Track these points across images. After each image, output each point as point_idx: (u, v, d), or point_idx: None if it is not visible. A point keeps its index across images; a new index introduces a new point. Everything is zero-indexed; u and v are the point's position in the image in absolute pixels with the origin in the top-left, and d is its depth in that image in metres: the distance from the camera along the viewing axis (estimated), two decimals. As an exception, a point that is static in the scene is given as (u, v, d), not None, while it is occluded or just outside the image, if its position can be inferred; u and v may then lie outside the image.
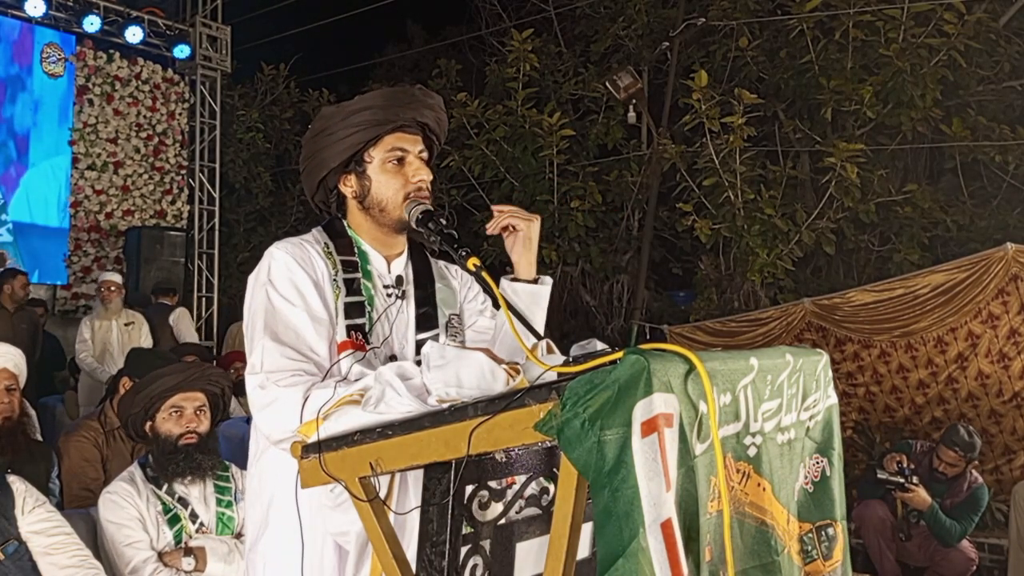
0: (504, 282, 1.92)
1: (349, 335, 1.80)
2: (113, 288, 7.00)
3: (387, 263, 1.95)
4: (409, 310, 1.93)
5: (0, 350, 3.09)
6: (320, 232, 1.94)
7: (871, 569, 5.19)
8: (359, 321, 1.83)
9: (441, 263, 2.05)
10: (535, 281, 1.93)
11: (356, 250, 1.92)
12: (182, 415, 2.89)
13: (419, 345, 1.89)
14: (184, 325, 7.68)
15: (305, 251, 1.86)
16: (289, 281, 1.79)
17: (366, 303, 1.86)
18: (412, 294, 1.95)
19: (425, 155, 1.94)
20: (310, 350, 1.74)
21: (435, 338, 1.91)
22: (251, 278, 1.85)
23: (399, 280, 1.94)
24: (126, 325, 6.95)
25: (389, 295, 1.91)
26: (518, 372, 1.47)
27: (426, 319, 1.94)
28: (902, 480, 4.88)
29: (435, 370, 1.45)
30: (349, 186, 1.93)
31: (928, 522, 4.89)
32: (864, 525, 5.15)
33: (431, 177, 1.92)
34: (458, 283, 2.06)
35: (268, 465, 1.82)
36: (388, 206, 1.89)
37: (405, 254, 1.99)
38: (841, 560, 1.59)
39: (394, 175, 1.88)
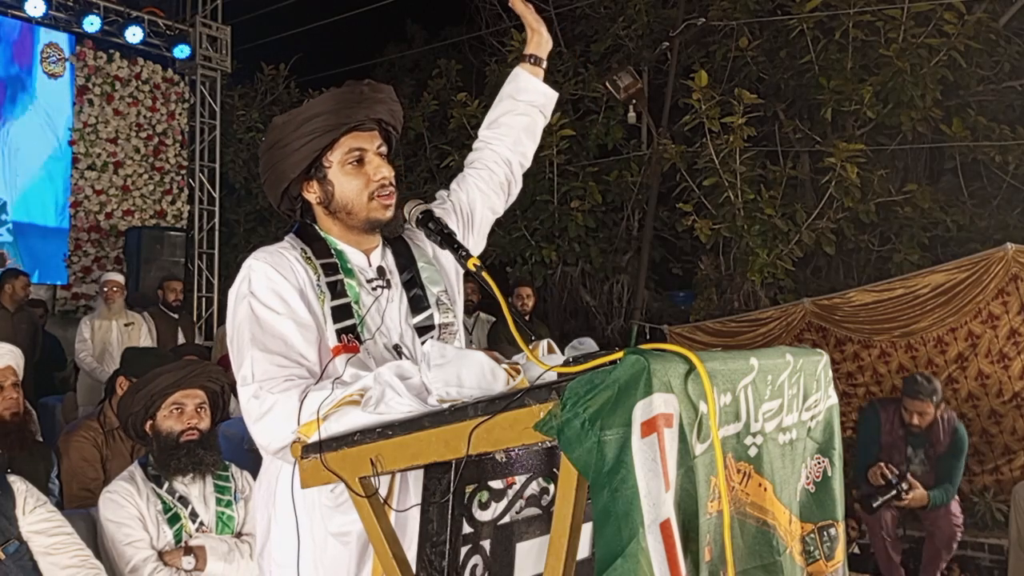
0: (524, 75, 2.31)
1: (340, 339, 1.79)
2: (116, 288, 7.02)
3: (366, 257, 1.94)
4: (399, 297, 1.92)
5: (2, 349, 3.08)
6: (294, 238, 1.92)
7: (875, 570, 5.21)
8: (348, 323, 1.81)
9: (412, 240, 2.03)
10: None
11: (333, 251, 1.90)
12: (183, 412, 2.89)
13: (417, 329, 1.89)
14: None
15: (283, 259, 1.84)
16: (271, 291, 1.78)
17: (352, 303, 1.84)
18: (398, 281, 1.94)
19: (384, 149, 1.93)
20: (300, 356, 1.72)
21: (429, 319, 1.91)
22: (232, 292, 1.84)
23: (381, 271, 1.92)
24: (126, 326, 6.95)
25: (375, 288, 1.89)
26: (518, 372, 1.47)
27: (417, 301, 1.93)
28: (895, 491, 4.87)
29: (435, 369, 1.45)
30: (312, 192, 1.92)
31: (930, 510, 4.93)
32: (871, 527, 5.16)
33: (392, 173, 1.91)
34: (429, 248, 2.04)
35: (272, 473, 1.82)
36: (354, 208, 1.88)
37: (381, 243, 1.98)
38: (843, 560, 1.59)
39: (355, 176, 1.87)
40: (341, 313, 1.82)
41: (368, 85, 1.91)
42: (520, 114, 2.25)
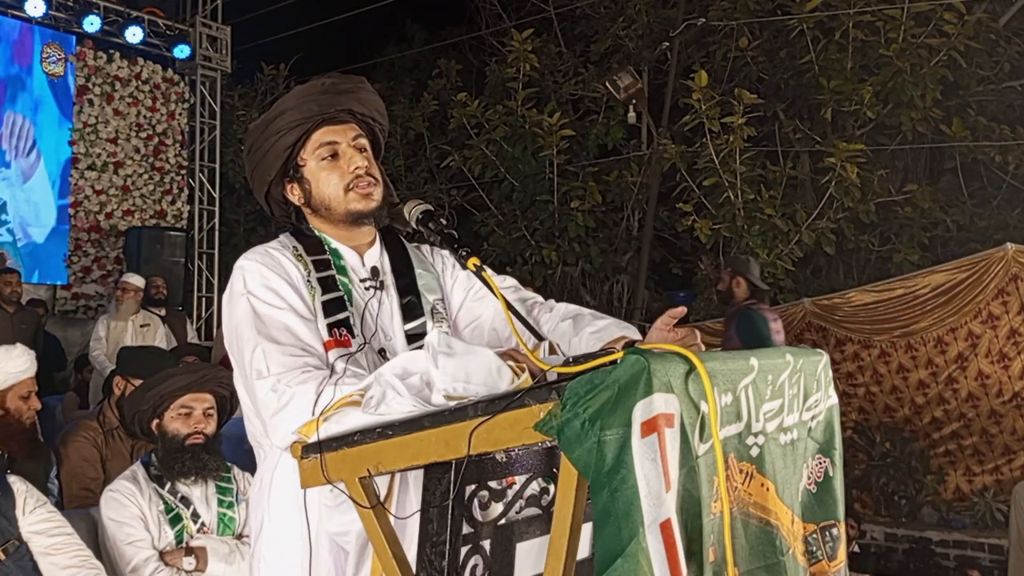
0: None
1: (331, 333, 1.76)
2: (130, 290, 7.04)
3: (359, 256, 1.91)
4: (391, 300, 1.89)
5: (24, 359, 3.06)
6: (288, 237, 1.91)
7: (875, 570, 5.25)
8: (340, 317, 1.79)
9: (414, 247, 2.01)
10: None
11: (326, 248, 1.88)
12: (191, 415, 2.90)
13: (408, 336, 1.87)
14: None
15: (274, 257, 1.82)
16: (266, 288, 1.76)
17: (345, 298, 1.82)
18: (392, 284, 1.91)
19: (363, 141, 1.89)
20: (308, 345, 1.71)
21: (422, 327, 1.87)
22: (225, 295, 1.82)
23: (375, 271, 1.89)
24: (142, 327, 6.98)
25: (367, 288, 1.87)
26: (523, 370, 1.47)
27: (411, 308, 1.89)
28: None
29: (443, 359, 1.43)
30: (294, 194, 1.90)
31: None
32: None
33: (367, 163, 1.87)
34: (441, 266, 2.02)
35: (267, 471, 1.81)
36: (332, 203, 1.86)
37: (377, 244, 1.95)
38: (845, 560, 1.59)
39: (331, 170, 1.85)
40: (333, 307, 1.80)
41: (334, 77, 1.89)
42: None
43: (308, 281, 1.81)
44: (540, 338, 1.63)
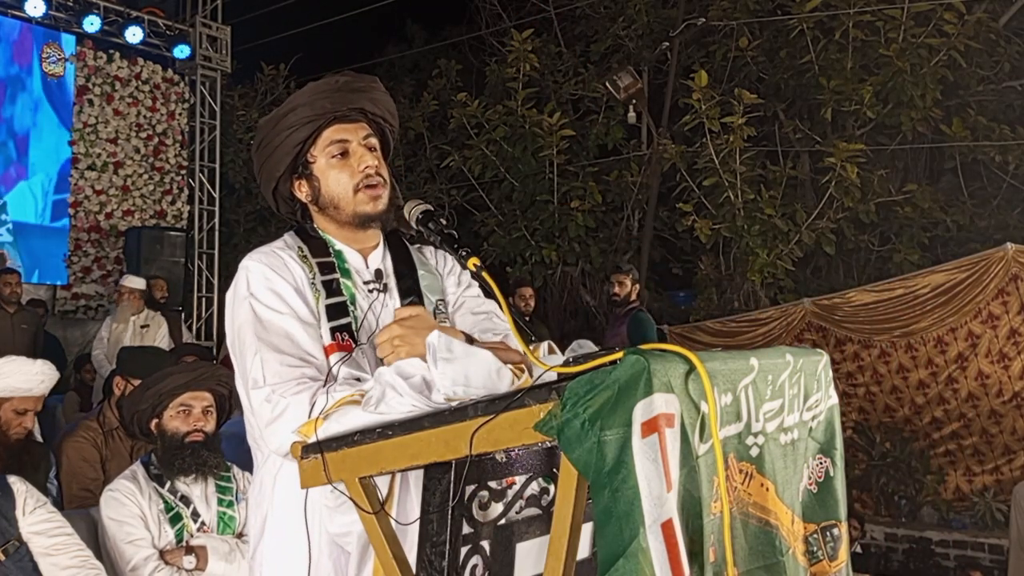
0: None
1: (334, 337, 1.76)
2: (125, 292, 7.08)
3: (363, 258, 1.91)
4: (394, 303, 1.89)
5: (35, 379, 3.02)
6: (292, 237, 1.90)
7: (875, 570, 5.23)
8: (343, 321, 1.79)
9: (417, 249, 2.01)
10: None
11: (331, 250, 1.88)
12: (190, 414, 2.90)
13: None
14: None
15: (279, 258, 1.82)
16: (270, 291, 1.76)
17: (348, 302, 1.82)
18: (395, 286, 1.91)
19: (373, 141, 1.89)
20: (308, 354, 1.71)
21: None
22: (229, 295, 1.82)
23: (378, 274, 1.89)
24: (142, 327, 7.00)
25: (371, 291, 1.87)
26: (523, 371, 1.47)
27: None
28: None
29: (442, 363, 1.43)
30: (302, 191, 1.89)
31: None
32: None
33: (378, 162, 1.87)
34: (435, 263, 2.02)
35: (269, 473, 1.81)
36: (341, 202, 1.85)
37: (381, 246, 1.95)
38: (846, 561, 1.58)
39: (340, 169, 1.84)
40: (336, 311, 1.80)
41: (347, 75, 1.88)
42: None
43: (313, 283, 1.81)
44: (534, 333, 1.63)
